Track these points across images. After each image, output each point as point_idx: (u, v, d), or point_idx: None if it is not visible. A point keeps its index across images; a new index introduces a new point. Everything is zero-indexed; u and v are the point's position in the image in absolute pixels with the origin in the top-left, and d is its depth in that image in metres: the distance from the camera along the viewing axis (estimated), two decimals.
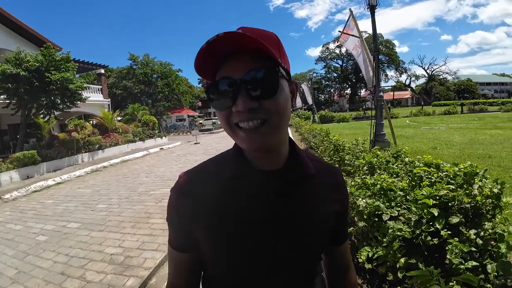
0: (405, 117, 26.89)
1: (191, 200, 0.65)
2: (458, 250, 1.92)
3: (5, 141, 15.19)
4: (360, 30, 8.39)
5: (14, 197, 7.87)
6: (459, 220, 2.16)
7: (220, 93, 0.56)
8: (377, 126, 7.64)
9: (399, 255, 2.17)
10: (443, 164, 3.18)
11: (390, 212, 2.43)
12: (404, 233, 2.19)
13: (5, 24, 13.14)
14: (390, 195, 2.72)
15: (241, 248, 0.64)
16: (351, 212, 2.79)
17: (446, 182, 2.64)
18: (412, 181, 2.94)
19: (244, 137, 0.57)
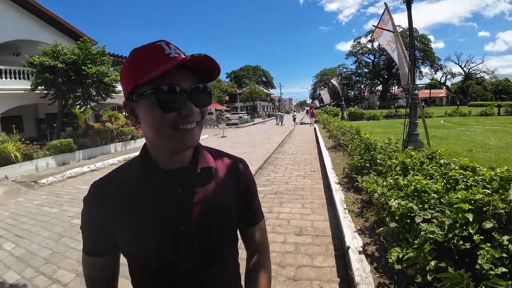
0: (439, 117, 25.67)
1: (101, 205, 0.73)
2: (489, 256, 1.87)
3: (42, 129, 16.02)
4: (395, 24, 8.11)
5: (50, 182, 8.32)
6: (492, 225, 2.10)
7: (171, 97, 0.63)
8: (411, 125, 7.35)
9: (429, 257, 2.12)
10: (479, 168, 3.05)
11: (423, 215, 2.37)
12: (437, 236, 2.13)
13: (41, 18, 13.74)
14: (424, 197, 2.65)
15: (156, 242, 0.71)
16: (383, 213, 2.75)
17: (482, 186, 2.54)
18: (447, 184, 2.83)
19: (182, 136, 0.66)
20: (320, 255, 3.16)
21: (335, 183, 5.14)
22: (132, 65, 0.66)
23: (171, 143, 0.67)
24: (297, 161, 8.78)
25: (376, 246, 2.96)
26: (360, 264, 2.55)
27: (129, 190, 0.72)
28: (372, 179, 3.76)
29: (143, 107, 0.65)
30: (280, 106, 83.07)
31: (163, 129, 0.65)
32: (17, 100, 12.40)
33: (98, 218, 0.73)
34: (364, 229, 3.34)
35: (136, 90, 0.65)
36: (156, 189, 0.72)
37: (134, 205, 0.71)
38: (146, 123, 0.67)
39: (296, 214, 4.35)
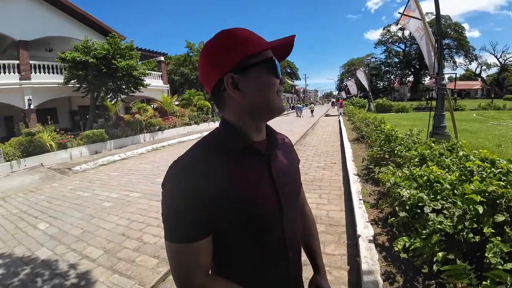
0: (472, 110, 24.38)
1: (201, 179, 0.69)
2: (498, 249, 1.85)
3: (76, 120, 17.01)
4: (422, 11, 7.80)
5: (83, 169, 8.91)
6: (504, 218, 2.06)
7: (277, 67, 0.77)
8: (438, 117, 7.09)
9: (437, 249, 2.13)
10: (499, 161, 2.96)
11: (433, 205, 2.37)
12: (445, 227, 2.14)
13: (72, 15, 14.41)
14: (437, 187, 2.64)
15: (259, 206, 0.76)
16: (391, 202, 2.77)
17: (497, 178, 2.48)
18: (462, 175, 2.80)
19: (281, 102, 0.80)
20: (332, 243, 3.23)
21: (354, 175, 5.15)
22: (236, 41, 0.73)
23: (275, 106, 0.78)
24: (318, 152, 8.77)
25: (388, 236, 2.99)
26: (369, 252, 2.61)
27: (224, 161, 0.74)
28: (389, 170, 3.75)
29: (257, 75, 0.73)
30: (305, 97, 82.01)
31: (273, 93, 0.76)
32: (51, 93, 13.26)
33: (195, 195, 0.68)
34: (378, 219, 3.37)
35: (245, 61, 0.72)
36: (253, 157, 0.78)
37: (235, 175, 0.73)
38: (258, 89, 0.74)
39: (312, 204, 4.42)
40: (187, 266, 0.71)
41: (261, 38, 0.76)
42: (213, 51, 0.75)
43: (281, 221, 0.80)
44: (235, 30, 0.75)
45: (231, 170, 0.73)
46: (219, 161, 0.73)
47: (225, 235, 0.74)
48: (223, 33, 0.75)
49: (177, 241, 0.70)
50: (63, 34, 14.07)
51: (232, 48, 0.72)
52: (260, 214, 0.75)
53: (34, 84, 12.46)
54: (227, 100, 0.77)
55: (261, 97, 0.75)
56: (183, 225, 0.69)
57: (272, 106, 0.77)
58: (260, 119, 0.80)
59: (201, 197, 0.68)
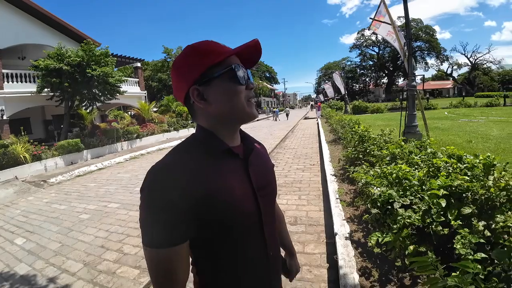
0: (444, 108, 25.49)
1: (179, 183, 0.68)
2: (466, 241, 1.95)
3: (49, 130, 16.39)
4: (392, 16, 8.14)
5: (59, 181, 8.64)
6: (471, 211, 2.17)
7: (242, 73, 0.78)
8: (409, 117, 7.42)
9: (408, 242, 2.24)
10: (465, 156, 3.15)
11: (402, 201, 2.50)
12: (414, 220, 2.26)
13: (45, 22, 14.02)
14: (406, 184, 2.77)
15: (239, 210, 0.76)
16: (365, 200, 2.89)
17: (463, 173, 2.65)
18: (430, 172, 2.95)
19: (252, 108, 0.81)
20: (312, 243, 3.32)
21: (331, 175, 5.29)
22: (198, 54, 0.77)
23: (245, 113, 0.79)
24: (297, 155, 8.93)
25: (363, 233, 3.12)
26: (345, 249, 2.71)
27: (203, 166, 0.74)
28: (363, 169, 3.89)
29: (220, 85, 0.76)
30: (285, 101, 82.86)
31: (239, 101, 0.77)
32: (24, 103, 12.80)
33: (173, 199, 0.67)
34: (354, 217, 3.50)
35: (209, 72, 0.76)
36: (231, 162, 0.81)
37: (214, 179, 0.74)
38: (223, 98, 0.77)
39: (292, 205, 4.52)
40: (166, 271, 0.70)
41: (225, 48, 0.78)
42: (179, 65, 0.80)
43: (261, 222, 0.83)
44: (199, 44, 0.79)
45: (211, 172, 0.74)
46: (197, 164, 0.74)
47: (206, 239, 0.75)
48: (187, 48, 0.80)
49: (155, 245, 0.68)
50: (36, 41, 13.67)
51: (195, 61, 0.76)
52: (240, 215, 0.76)
53: (7, 93, 12.02)
54: (198, 110, 0.81)
55: (227, 105, 0.78)
56: (161, 229, 0.68)
57: (241, 113, 0.79)
58: (232, 126, 0.83)
59: (180, 200, 0.67)
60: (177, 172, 0.71)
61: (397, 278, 2.41)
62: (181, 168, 0.72)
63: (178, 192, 0.67)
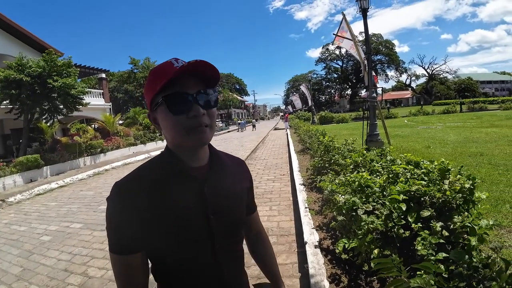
0: (404, 116, 27.03)
1: (130, 201, 0.74)
2: (427, 242, 2.07)
3: (8, 145, 15.40)
4: (353, 32, 8.59)
5: (18, 200, 8.09)
6: (430, 213, 2.32)
7: (179, 101, 0.74)
8: (371, 126, 7.82)
9: (372, 246, 2.35)
10: (422, 162, 3.36)
11: (365, 207, 2.62)
12: (377, 225, 2.38)
13: (6, 30, 13.34)
14: (368, 191, 2.91)
15: (186, 230, 0.79)
16: (332, 208, 2.99)
17: (420, 178, 2.83)
18: (390, 178, 3.13)
19: (196, 135, 0.76)
20: (284, 253, 3.37)
21: (300, 184, 5.42)
22: (150, 80, 0.78)
23: (187, 141, 0.78)
24: (268, 165, 9.04)
25: (332, 240, 3.22)
26: (315, 257, 2.78)
27: (158, 185, 0.78)
28: (329, 178, 4.03)
29: (160, 114, 0.77)
30: (255, 112, 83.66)
31: (179, 130, 0.76)
32: None
33: (128, 213, 0.73)
34: (322, 225, 3.60)
35: (153, 100, 0.77)
36: (185, 183, 0.81)
37: (166, 198, 0.77)
38: (164, 126, 0.78)
39: (263, 217, 4.56)
40: (127, 274, 0.77)
41: (167, 69, 0.74)
42: (144, 90, 0.84)
43: (212, 245, 0.83)
44: (156, 68, 0.79)
45: (164, 192, 0.77)
46: (154, 183, 0.78)
47: (158, 251, 0.79)
48: (150, 71, 0.81)
49: (115, 251, 0.76)
50: None
51: (148, 86, 0.79)
52: (184, 236, 0.78)
53: None
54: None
55: (170, 134, 0.79)
56: (119, 237, 0.75)
57: (182, 142, 0.79)
58: (185, 150, 0.83)
59: (134, 214, 0.73)
60: (134, 188, 0.76)
61: (365, 282, 2.50)
62: (138, 185, 0.77)
63: (132, 207, 0.74)
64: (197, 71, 0.75)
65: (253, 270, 2.83)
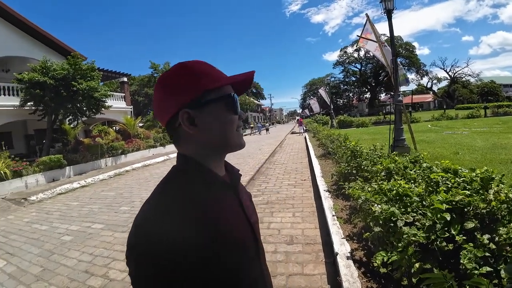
0: (426, 121, 26.17)
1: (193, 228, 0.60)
2: (472, 255, 1.92)
3: (31, 145, 15.93)
4: (378, 34, 8.36)
5: (40, 199, 8.23)
6: (474, 225, 2.16)
7: (236, 103, 0.74)
8: (397, 131, 7.53)
9: (414, 260, 2.18)
10: (461, 170, 3.14)
11: (405, 218, 2.44)
12: (419, 238, 2.20)
13: (31, 35, 13.82)
14: (406, 200, 2.72)
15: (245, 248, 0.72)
16: (367, 218, 2.81)
17: (462, 187, 2.62)
18: (429, 187, 2.92)
19: (241, 137, 0.77)
20: (311, 263, 3.20)
21: (324, 191, 5.22)
22: (193, 74, 0.69)
23: (236, 143, 0.75)
24: (288, 170, 8.85)
25: (364, 251, 3.02)
26: (348, 270, 2.60)
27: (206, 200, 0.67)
28: (358, 185, 3.83)
29: (214, 111, 0.70)
30: (271, 116, 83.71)
31: (231, 130, 0.73)
32: (6, 116, 12.36)
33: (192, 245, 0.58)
34: (352, 235, 3.41)
35: (204, 96, 0.69)
36: (228, 194, 0.76)
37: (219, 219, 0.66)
38: (215, 126, 0.71)
39: (287, 223, 4.39)
40: None
41: (220, 73, 0.74)
42: (169, 84, 0.71)
43: (259, 255, 0.78)
44: (193, 63, 0.72)
45: (217, 211, 0.67)
46: (201, 203, 0.65)
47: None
48: (181, 66, 0.72)
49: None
50: (21, 54, 13.35)
51: (189, 82, 0.69)
52: (245, 252, 0.71)
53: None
54: (184, 135, 0.72)
55: (219, 134, 0.72)
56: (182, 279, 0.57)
57: (232, 142, 0.75)
58: (220, 155, 0.77)
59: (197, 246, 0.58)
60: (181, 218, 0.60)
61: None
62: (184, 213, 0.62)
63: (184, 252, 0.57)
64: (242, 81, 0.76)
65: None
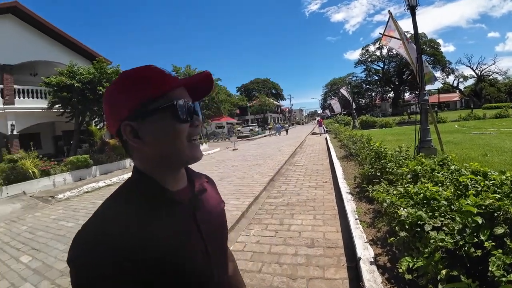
0: (453, 121, 25.12)
1: (115, 254, 0.56)
2: (500, 262, 1.84)
3: (59, 146, 16.75)
4: (401, 31, 8.13)
5: (67, 197, 8.54)
6: (504, 230, 2.07)
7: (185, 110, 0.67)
8: (423, 131, 7.27)
9: (440, 266, 2.10)
10: (490, 172, 3.01)
11: (432, 222, 2.35)
12: (447, 243, 2.11)
13: (58, 40, 14.53)
14: (434, 204, 2.63)
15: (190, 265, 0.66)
16: (393, 222, 2.73)
17: (492, 191, 2.50)
18: (457, 190, 2.81)
19: (195, 148, 0.70)
20: (332, 267, 3.14)
21: (347, 193, 5.12)
22: (133, 83, 0.65)
23: (186, 155, 0.68)
24: (308, 172, 8.76)
25: (388, 256, 2.94)
26: (371, 275, 2.54)
27: (142, 222, 0.63)
28: (383, 188, 3.74)
29: (158, 122, 0.64)
30: (291, 117, 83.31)
31: (181, 141, 0.66)
32: (35, 118, 13.06)
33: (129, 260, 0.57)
34: (376, 239, 3.32)
35: (143, 107, 0.63)
36: (176, 212, 0.69)
37: (158, 237, 0.62)
38: (160, 138, 0.65)
39: (307, 226, 4.34)
40: None
41: (167, 78, 0.65)
42: (112, 95, 0.67)
43: (211, 274, 0.72)
44: (135, 71, 0.66)
45: (154, 230, 0.62)
46: (137, 221, 0.62)
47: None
48: (122, 75, 0.67)
49: None
50: (48, 58, 14.03)
51: (130, 92, 0.64)
52: (189, 274, 0.65)
53: (18, 109, 12.30)
54: (132, 148, 0.68)
55: (165, 146, 0.66)
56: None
57: (182, 155, 0.68)
58: (171, 169, 0.71)
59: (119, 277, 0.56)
60: (110, 236, 0.58)
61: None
62: (117, 230, 0.59)
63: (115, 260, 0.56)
64: (196, 84, 0.71)
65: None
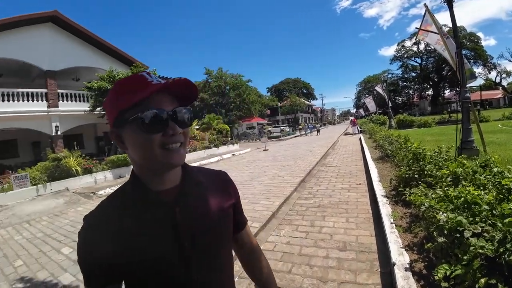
0: (496, 120, 23.28)
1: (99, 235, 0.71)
2: None
3: (100, 146, 18.03)
4: (439, 25, 7.73)
5: (107, 193, 8.97)
6: None
7: (154, 120, 0.69)
8: (464, 131, 6.83)
9: (479, 275, 1.99)
10: None
11: (473, 229, 2.23)
12: (487, 251, 1.99)
13: (98, 47, 15.58)
14: (475, 209, 2.49)
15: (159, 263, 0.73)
16: (431, 227, 2.61)
17: None
18: (500, 194, 2.63)
19: (169, 155, 0.72)
20: (365, 272, 3.07)
21: (382, 196, 4.96)
22: (116, 94, 0.71)
23: (159, 163, 0.72)
24: (341, 173, 8.58)
25: (424, 263, 2.82)
26: (406, 282, 2.45)
27: (125, 215, 0.73)
28: (421, 191, 3.58)
29: (130, 132, 0.70)
30: (323, 117, 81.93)
31: (151, 150, 0.69)
32: (77, 120, 14.16)
33: (97, 247, 0.71)
34: (412, 245, 3.19)
35: (121, 116, 0.69)
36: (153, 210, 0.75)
37: (134, 229, 0.72)
38: (133, 146, 0.72)
39: (339, 229, 4.27)
40: None
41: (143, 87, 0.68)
42: (105, 103, 0.77)
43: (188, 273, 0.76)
44: (121, 80, 0.73)
45: (132, 223, 0.73)
46: (122, 213, 0.74)
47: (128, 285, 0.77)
48: (114, 84, 0.74)
49: (86, 285, 0.74)
50: (89, 64, 15.09)
51: (113, 101, 0.72)
52: (159, 270, 0.73)
53: (61, 111, 13.33)
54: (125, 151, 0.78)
55: (138, 154, 0.73)
56: (90, 271, 0.72)
57: (154, 162, 0.72)
58: (153, 172, 0.76)
59: (104, 248, 0.70)
60: (102, 220, 0.74)
61: None
62: (106, 216, 0.75)
63: (101, 240, 0.71)
64: (177, 89, 0.73)
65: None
